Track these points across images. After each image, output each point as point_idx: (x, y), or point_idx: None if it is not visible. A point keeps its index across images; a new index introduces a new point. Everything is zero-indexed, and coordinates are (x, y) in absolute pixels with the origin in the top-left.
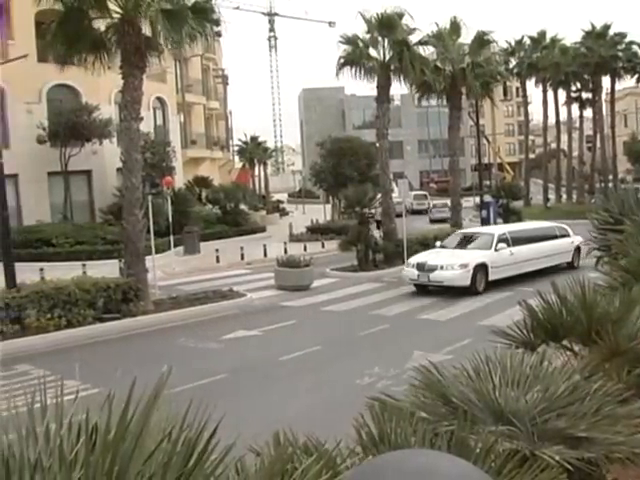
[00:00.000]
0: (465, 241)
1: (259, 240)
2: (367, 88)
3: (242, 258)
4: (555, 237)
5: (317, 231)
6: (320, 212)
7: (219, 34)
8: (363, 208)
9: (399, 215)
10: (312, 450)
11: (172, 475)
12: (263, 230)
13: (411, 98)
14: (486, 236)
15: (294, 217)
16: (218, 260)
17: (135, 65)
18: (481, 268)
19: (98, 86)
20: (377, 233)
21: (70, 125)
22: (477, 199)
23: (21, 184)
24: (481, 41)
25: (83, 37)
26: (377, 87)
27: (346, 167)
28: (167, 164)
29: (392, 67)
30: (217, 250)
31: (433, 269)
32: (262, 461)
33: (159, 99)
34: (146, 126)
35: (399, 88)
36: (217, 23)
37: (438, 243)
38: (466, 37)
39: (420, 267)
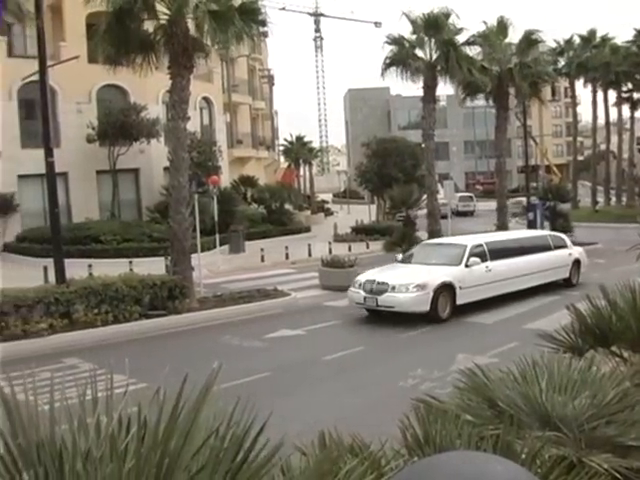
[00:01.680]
0: (432, 254)
1: (304, 240)
2: (413, 88)
3: (287, 257)
4: (548, 248)
5: (362, 231)
6: (365, 212)
7: (265, 34)
8: (408, 209)
9: (444, 216)
10: (357, 451)
11: (221, 472)
12: (308, 230)
13: (457, 98)
14: (455, 248)
15: (339, 217)
16: (263, 259)
17: (183, 66)
18: (445, 289)
19: (146, 86)
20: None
21: (119, 124)
22: (524, 201)
23: (71, 182)
24: (529, 41)
25: (132, 39)
26: (423, 87)
27: (391, 168)
28: (213, 163)
29: (438, 67)
30: (262, 249)
31: (382, 291)
32: (308, 461)
33: (206, 99)
34: (193, 126)
35: (445, 88)
36: (263, 24)
37: (399, 256)
38: (514, 37)
39: (367, 288)
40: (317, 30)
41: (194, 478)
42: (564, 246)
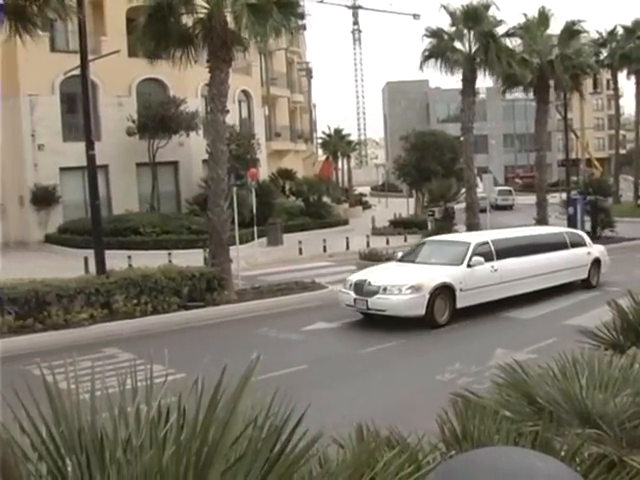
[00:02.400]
0: (433, 252)
1: (341, 233)
2: (452, 81)
3: (324, 250)
4: (564, 247)
5: (400, 225)
6: (403, 206)
7: (304, 27)
8: (447, 202)
9: (483, 210)
10: (394, 444)
11: (259, 461)
12: (346, 223)
13: (497, 91)
14: (458, 246)
15: (377, 210)
16: (301, 252)
17: (221, 59)
18: (444, 291)
19: (185, 80)
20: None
21: (158, 118)
22: (564, 195)
23: (111, 174)
24: (571, 32)
25: (171, 33)
26: (462, 80)
27: (430, 161)
28: (252, 156)
29: (477, 60)
30: (300, 242)
31: (373, 292)
32: (345, 453)
33: (244, 92)
34: (232, 119)
35: (485, 81)
36: (301, 17)
37: (399, 254)
38: (555, 28)
39: (358, 289)
40: (355, 23)
41: (232, 467)
42: (582, 244)
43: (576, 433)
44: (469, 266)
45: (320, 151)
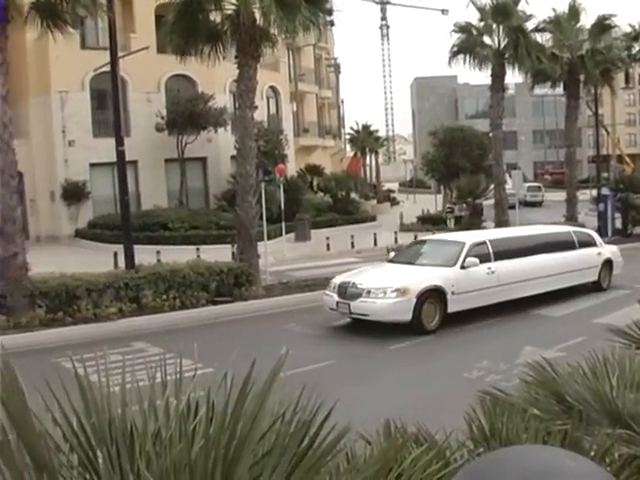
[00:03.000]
0: (426, 253)
1: (369, 229)
2: (481, 77)
3: (352, 246)
4: (571, 247)
5: (428, 221)
6: (431, 202)
7: (332, 23)
8: (475, 199)
9: (512, 207)
10: (422, 440)
11: (287, 456)
12: (373, 219)
13: (526, 87)
14: (452, 246)
15: (405, 207)
16: (328, 248)
17: (250, 55)
18: (433, 295)
19: (213, 76)
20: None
21: (187, 114)
22: (594, 192)
23: (140, 170)
24: (602, 26)
25: (199, 29)
26: (491, 75)
27: (458, 157)
28: (280, 152)
29: (507, 55)
30: (327, 238)
31: (357, 295)
32: (372, 449)
33: (272, 88)
34: (260, 115)
35: (514, 76)
36: (330, 12)
37: (392, 254)
38: (585, 22)
39: (341, 291)
40: (383, 18)
41: (260, 462)
42: (592, 244)
43: (606, 433)
44: (463, 267)
45: (348, 147)
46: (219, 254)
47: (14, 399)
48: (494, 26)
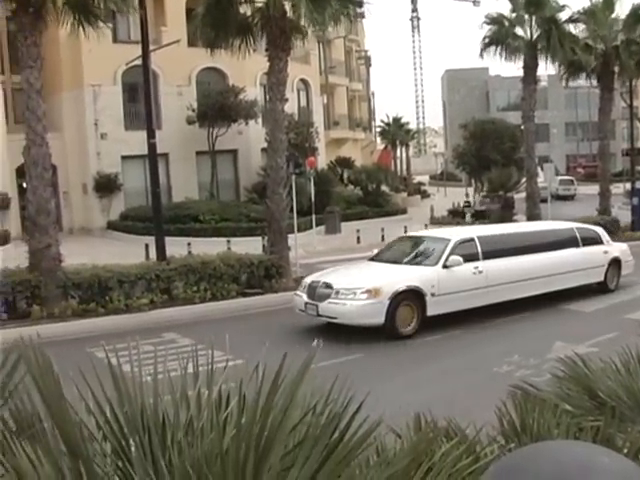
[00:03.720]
0: (408, 250)
1: (400, 222)
2: (513, 68)
3: (382, 239)
4: (573, 245)
5: (458, 214)
6: (462, 195)
7: (362, 15)
8: (507, 192)
9: (544, 200)
10: (452, 435)
11: (318, 448)
12: (404, 212)
13: (559, 79)
14: (435, 244)
15: (435, 199)
16: (359, 240)
17: (280, 48)
18: (410, 297)
19: (244, 69)
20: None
21: (217, 106)
22: (628, 186)
23: (171, 163)
24: (637, 16)
25: (230, 22)
26: (523, 67)
27: (489, 150)
28: (310, 145)
29: (539, 46)
30: (358, 230)
31: (325, 296)
32: (402, 443)
33: (303, 81)
34: (290, 107)
35: (546, 68)
36: (360, 4)
37: (375, 250)
38: (620, 12)
39: (311, 291)
40: (414, 10)
41: (291, 453)
42: (598, 242)
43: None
44: (445, 267)
45: (379, 140)
46: (249, 246)
47: (50, 387)
48: (526, 17)
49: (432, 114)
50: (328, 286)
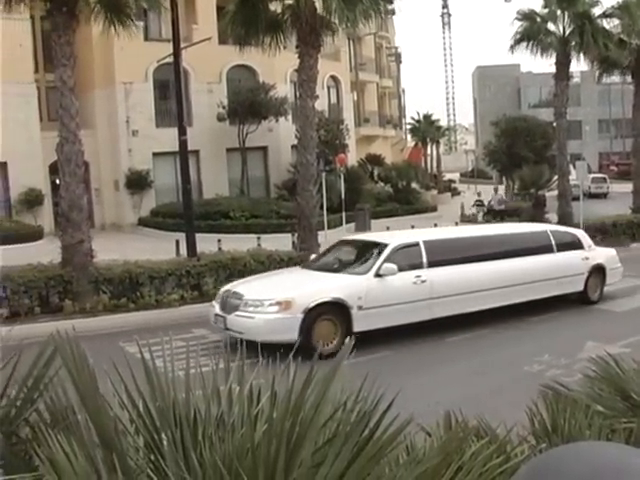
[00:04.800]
0: (343, 255)
1: (430, 219)
2: (544, 65)
3: None
4: (547, 250)
5: (489, 212)
6: (492, 193)
7: (393, 12)
8: (538, 190)
9: (576, 198)
10: (482, 434)
11: (348, 445)
12: (434, 209)
13: (592, 75)
14: (371, 249)
15: (466, 197)
16: None
17: (310, 45)
18: (332, 310)
19: (274, 66)
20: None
21: (248, 104)
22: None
23: (202, 159)
24: None
25: (260, 19)
26: (555, 64)
27: (521, 147)
28: (340, 142)
29: (572, 42)
30: (388, 228)
31: (234, 307)
32: (432, 442)
33: (333, 78)
34: (320, 104)
35: (579, 64)
36: (390, 1)
37: (313, 256)
38: None
39: (222, 301)
40: (445, 6)
41: (322, 449)
42: (577, 247)
43: None
44: (378, 276)
45: (409, 137)
46: (279, 243)
47: (85, 381)
48: (559, 12)
49: (463, 111)
50: (238, 296)
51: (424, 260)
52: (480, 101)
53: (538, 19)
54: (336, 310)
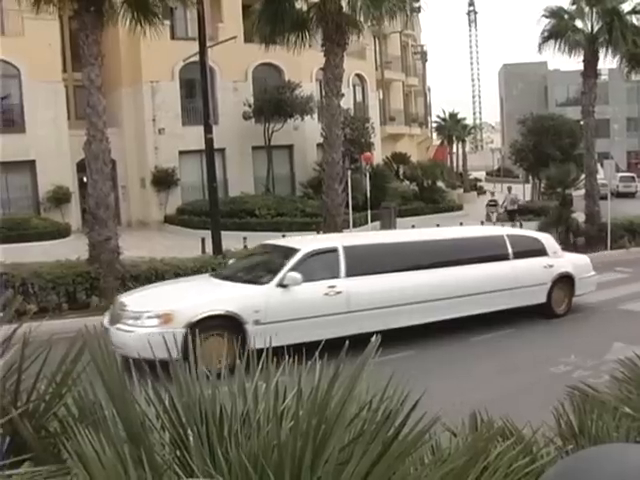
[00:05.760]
0: (253, 263)
1: (455, 218)
2: (572, 62)
3: None
4: (501, 257)
5: (515, 211)
6: (519, 192)
7: (418, 10)
8: (565, 189)
9: (603, 198)
10: (508, 435)
11: (375, 445)
12: (460, 208)
13: (620, 72)
14: (280, 255)
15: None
16: None
17: (336, 43)
18: (223, 325)
19: (300, 64)
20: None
21: (273, 102)
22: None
23: (228, 157)
24: None
25: (286, 17)
26: (583, 61)
27: (548, 146)
28: (366, 140)
29: (600, 39)
30: (413, 226)
31: (117, 319)
32: (458, 442)
33: (359, 76)
34: (346, 102)
35: (607, 62)
36: None
37: (231, 261)
38: None
39: (112, 311)
40: (471, 4)
41: (347, 448)
42: (540, 253)
43: None
44: (282, 286)
45: (435, 135)
46: None
47: (113, 377)
48: (587, 9)
49: (489, 109)
50: (122, 307)
51: (342, 268)
52: (506, 99)
53: (566, 16)
54: (228, 325)
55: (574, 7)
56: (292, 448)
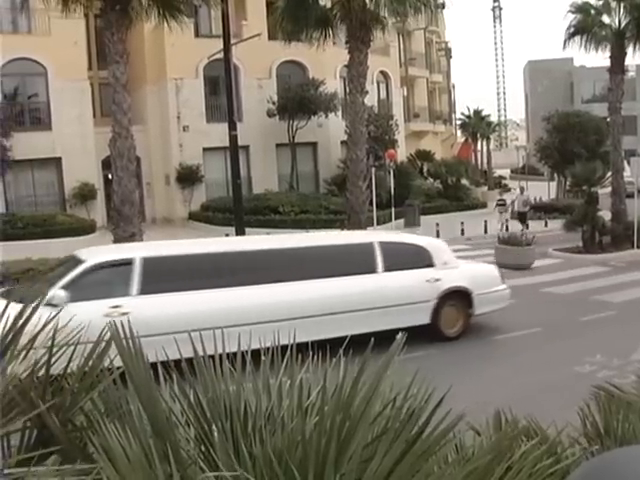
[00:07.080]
0: (49, 279)
1: (480, 216)
2: (598, 59)
3: (462, 234)
4: (367, 269)
5: (540, 209)
6: (544, 189)
7: (443, 6)
8: (591, 187)
9: (630, 195)
10: (533, 434)
11: (399, 443)
12: (484, 206)
13: None
14: (69, 268)
15: (516, 194)
16: (438, 234)
17: (360, 40)
18: None
19: (324, 61)
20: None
21: (297, 99)
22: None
23: (252, 155)
24: None
25: (309, 14)
26: (610, 57)
27: (573, 143)
28: (390, 137)
29: (627, 34)
30: (437, 224)
31: None
32: (482, 441)
33: (383, 73)
34: (370, 100)
35: (635, 58)
36: None
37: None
38: None
39: None
40: (496, 0)
41: (371, 445)
42: (422, 264)
43: None
44: (52, 305)
45: (459, 132)
46: None
47: (140, 372)
48: (614, 4)
49: (514, 106)
50: None
51: (135, 284)
52: (531, 96)
53: (592, 11)
54: None
55: (601, 2)
56: (316, 444)
